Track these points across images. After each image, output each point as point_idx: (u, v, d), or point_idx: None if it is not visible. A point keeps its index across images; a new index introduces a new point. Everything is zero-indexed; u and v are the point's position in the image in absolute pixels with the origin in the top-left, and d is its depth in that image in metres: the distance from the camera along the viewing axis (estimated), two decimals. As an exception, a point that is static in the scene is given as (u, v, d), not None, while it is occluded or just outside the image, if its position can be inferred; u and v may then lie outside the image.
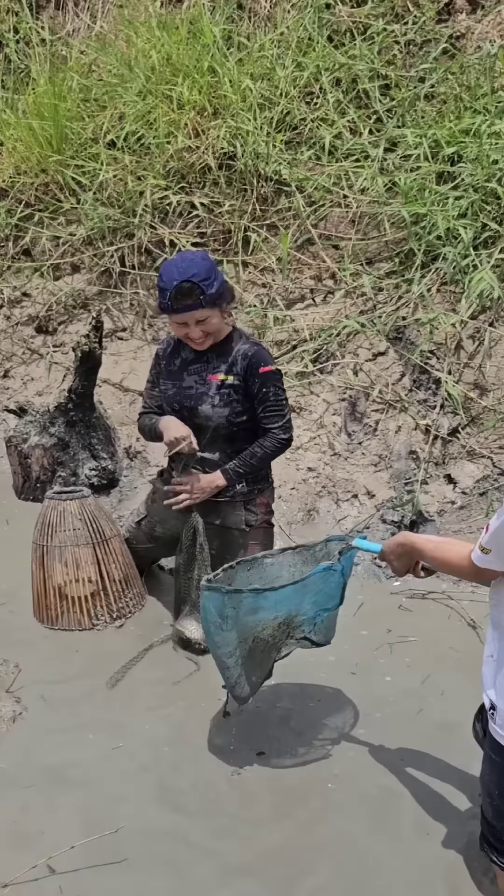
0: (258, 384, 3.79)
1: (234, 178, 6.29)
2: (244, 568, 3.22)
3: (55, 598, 4.11)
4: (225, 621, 2.97)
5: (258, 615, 2.97)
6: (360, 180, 5.97)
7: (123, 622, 4.16)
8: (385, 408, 5.35)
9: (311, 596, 3.04)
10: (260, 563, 3.27)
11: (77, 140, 6.81)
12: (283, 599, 2.97)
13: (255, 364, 3.79)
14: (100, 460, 5.46)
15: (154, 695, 3.60)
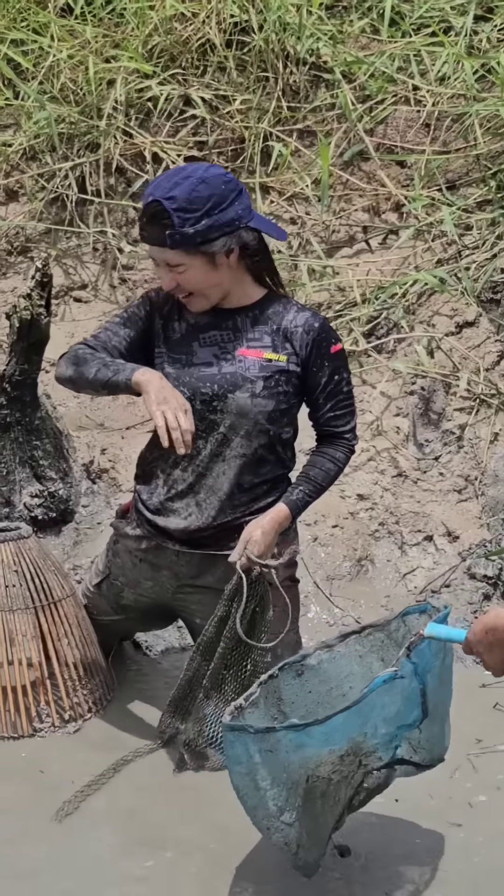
0: (329, 370, 3.83)
1: (250, 61, 6.30)
2: (291, 674, 3.23)
3: (-22, 689, 4.11)
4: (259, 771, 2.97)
5: (304, 752, 2.96)
6: (439, 64, 5.97)
7: (79, 726, 4.15)
8: (475, 406, 5.34)
9: (378, 713, 3.01)
10: (310, 664, 3.28)
11: (14, 4, 6.82)
12: (334, 731, 2.93)
13: (324, 341, 3.83)
14: (46, 482, 5.45)
15: (126, 834, 3.60)
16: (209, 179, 3.72)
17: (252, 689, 3.14)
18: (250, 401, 3.80)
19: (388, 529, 5.15)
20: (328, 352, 3.82)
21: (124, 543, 4.11)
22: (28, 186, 6.66)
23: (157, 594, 4.07)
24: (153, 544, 4.02)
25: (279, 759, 2.93)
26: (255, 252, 3.90)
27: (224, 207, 3.71)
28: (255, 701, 3.11)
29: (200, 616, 4.02)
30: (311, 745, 2.93)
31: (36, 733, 4.09)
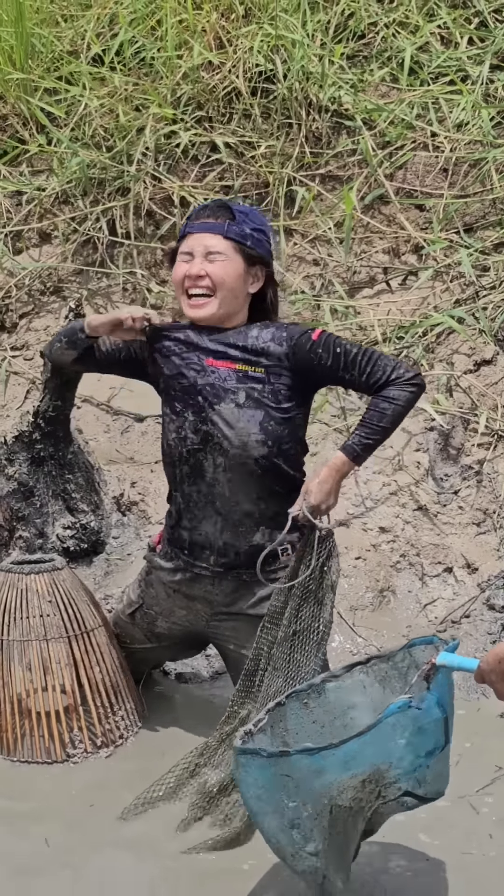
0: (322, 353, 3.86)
1: (274, 108, 6.32)
2: (298, 702, 3.21)
3: (13, 715, 4.09)
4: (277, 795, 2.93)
5: (324, 778, 2.92)
6: (456, 112, 5.98)
7: (111, 751, 4.14)
8: (493, 442, 5.33)
9: (399, 739, 2.97)
10: (321, 690, 3.25)
11: (48, 54, 6.86)
12: (354, 755, 2.89)
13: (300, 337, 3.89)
14: (78, 514, 5.46)
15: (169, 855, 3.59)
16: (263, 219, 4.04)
17: (261, 714, 3.13)
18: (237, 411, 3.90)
19: (409, 561, 5.14)
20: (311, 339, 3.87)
21: (157, 575, 4.13)
22: (61, 229, 6.68)
23: (190, 622, 4.08)
24: (188, 576, 4.03)
25: (299, 786, 2.90)
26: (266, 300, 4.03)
27: (269, 240, 3.93)
28: (264, 728, 3.09)
29: (234, 643, 4.04)
30: (330, 771, 2.89)
31: (69, 759, 4.08)
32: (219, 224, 3.85)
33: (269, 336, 3.89)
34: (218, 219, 3.87)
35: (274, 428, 3.88)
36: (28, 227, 6.77)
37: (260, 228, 3.92)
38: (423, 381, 3.87)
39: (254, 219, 3.94)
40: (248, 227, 3.87)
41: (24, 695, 4.09)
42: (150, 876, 3.52)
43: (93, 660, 4.15)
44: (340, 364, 3.84)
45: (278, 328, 3.93)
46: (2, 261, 6.73)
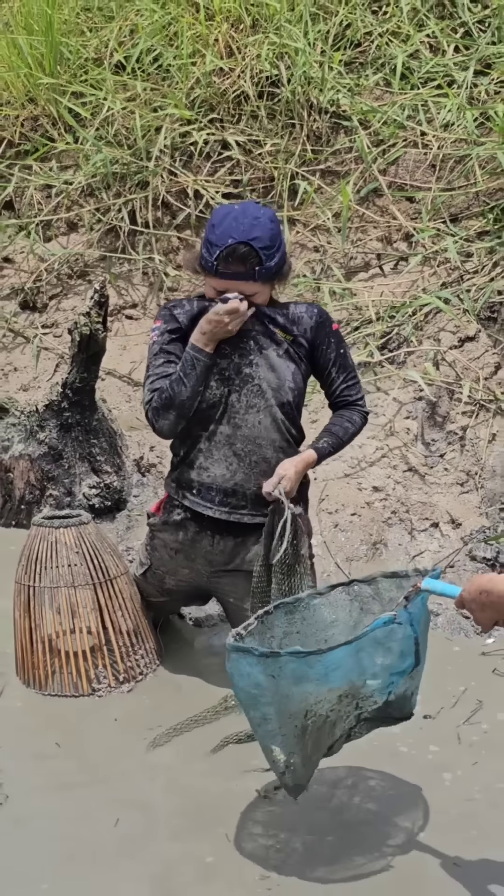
0: (334, 344, 3.91)
1: (279, 110, 6.28)
2: (283, 613, 3.19)
3: (44, 654, 4.09)
4: (262, 692, 2.92)
5: (304, 686, 2.91)
6: (443, 113, 5.95)
7: (133, 686, 4.13)
8: (475, 410, 5.31)
9: (376, 657, 2.95)
10: (306, 605, 3.23)
11: (75, 61, 6.83)
12: (335, 665, 2.87)
13: (326, 320, 3.93)
14: (102, 475, 5.46)
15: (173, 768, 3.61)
16: (272, 219, 3.80)
17: (250, 620, 3.10)
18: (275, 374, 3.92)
19: (400, 517, 5.13)
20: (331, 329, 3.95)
21: (160, 538, 4.11)
22: (86, 219, 6.67)
23: (194, 579, 4.07)
24: (188, 536, 4.01)
25: (281, 688, 2.88)
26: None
27: (282, 240, 3.83)
28: (253, 631, 3.06)
29: (234, 596, 4.03)
30: (311, 680, 2.87)
31: (94, 692, 4.07)
32: (249, 274, 3.72)
33: (304, 309, 3.93)
34: (247, 266, 3.72)
35: (299, 381, 3.92)
36: (57, 217, 6.76)
37: (277, 246, 3.76)
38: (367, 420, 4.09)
39: (273, 241, 3.74)
40: (271, 259, 3.73)
41: (53, 636, 4.09)
42: (176, 794, 3.55)
43: (116, 605, 4.14)
44: (338, 363, 3.94)
45: (311, 306, 3.98)
46: (33, 248, 6.73)
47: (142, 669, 4.19)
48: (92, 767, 3.67)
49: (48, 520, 4.22)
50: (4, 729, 3.87)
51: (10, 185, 6.84)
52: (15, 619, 4.18)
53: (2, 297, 6.82)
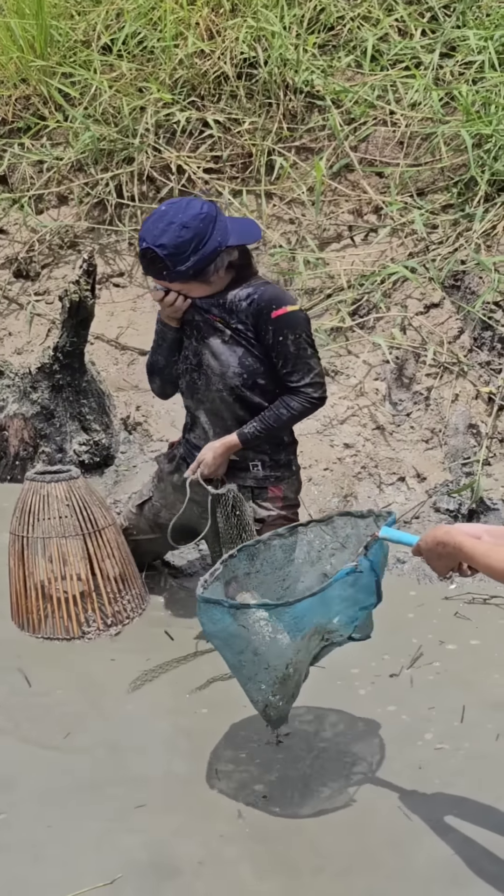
0: (272, 332, 3.79)
1: (256, 90, 6.23)
2: (246, 556, 3.18)
3: (37, 599, 4.09)
4: (234, 639, 2.90)
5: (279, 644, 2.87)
6: (411, 93, 5.91)
7: (120, 630, 4.14)
8: (439, 372, 5.30)
9: (341, 601, 2.94)
10: (267, 547, 3.21)
11: (65, 43, 6.77)
12: (303, 614, 2.86)
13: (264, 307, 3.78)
14: (91, 433, 5.44)
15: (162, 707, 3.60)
16: (188, 223, 3.67)
17: (216, 566, 3.08)
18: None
19: (369, 472, 5.12)
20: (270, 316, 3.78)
21: (165, 473, 4.19)
22: (76, 193, 6.61)
23: (187, 518, 4.05)
24: (182, 477, 4.02)
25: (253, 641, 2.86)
26: (240, 259, 3.87)
27: (206, 241, 3.69)
28: (219, 576, 3.05)
29: None
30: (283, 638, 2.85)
31: (84, 635, 4.09)
32: (161, 276, 3.75)
33: (245, 295, 3.81)
34: (157, 272, 3.74)
35: (250, 363, 3.84)
36: (48, 191, 6.71)
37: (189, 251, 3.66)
38: (321, 402, 3.89)
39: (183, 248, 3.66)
40: (180, 264, 3.67)
41: (46, 583, 4.09)
42: (158, 732, 3.55)
43: (104, 553, 4.14)
44: (276, 349, 3.80)
45: (256, 289, 3.82)
46: (26, 220, 6.68)
47: (128, 613, 4.20)
48: (82, 705, 3.68)
49: (40, 475, 4.21)
50: (5, 670, 3.87)
51: (4, 161, 6.78)
52: (10, 567, 4.18)
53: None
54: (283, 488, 3.99)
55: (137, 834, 3.03)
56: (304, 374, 3.81)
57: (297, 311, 3.80)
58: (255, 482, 3.94)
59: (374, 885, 2.79)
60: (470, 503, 4.78)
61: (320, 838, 2.97)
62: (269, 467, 3.95)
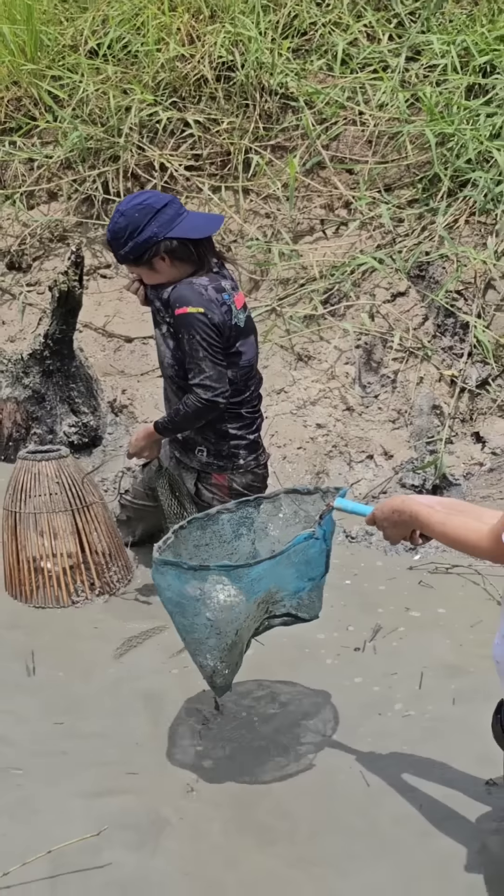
0: (173, 328, 3.83)
1: (234, 91, 6.22)
2: (196, 528, 3.15)
3: (29, 572, 4.12)
4: (188, 603, 2.87)
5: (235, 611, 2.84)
6: (378, 94, 5.91)
7: (107, 598, 4.17)
8: (405, 356, 5.32)
9: (293, 567, 2.95)
10: (215, 521, 3.18)
11: (54, 47, 6.74)
12: (259, 577, 2.84)
13: (172, 306, 3.80)
14: (80, 415, 5.46)
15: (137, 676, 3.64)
16: (126, 212, 3.76)
17: (168, 534, 3.05)
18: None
19: (340, 450, 5.15)
20: (174, 313, 3.79)
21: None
22: (65, 189, 6.60)
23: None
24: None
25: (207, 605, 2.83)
26: (185, 252, 3.82)
27: (140, 230, 3.74)
28: (171, 545, 3.02)
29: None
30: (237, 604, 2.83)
31: (74, 604, 4.13)
32: (117, 258, 3.90)
33: (169, 291, 3.81)
34: (114, 254, 3.91)
35: (180, 356, 3.85)
36: (38, 187, 6.68)
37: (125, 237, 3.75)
38: (211, 404, 3.77)
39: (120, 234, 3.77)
40: (120, 248, 3.79)
41: (37, 556, 4.12)
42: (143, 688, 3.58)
43: (91, 528, 4.17)
44: (180, 346, 3.81)
45: (174, 290, 3.80)
46: (18, 215, 6.66)
47: (115, 584, 4.23)
48: (69, 668, 3.71)
49: (32, 454, 4.24)
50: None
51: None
52: (3, 541, 4.20)
53: (-9, 258, 6.76)
54: (228, 478, 3.99)
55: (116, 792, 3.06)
56: (195, 373, 3.77)
57: (194, 313, 3.73)
58: (199, 465, 3.99)
59: (344, 845, 2.82)
60: (434, 479, 4.83)
61: (289, 801, 2.99)
62: (213, 455, 3.97)
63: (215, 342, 3.75)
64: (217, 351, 3.76)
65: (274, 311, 5.69)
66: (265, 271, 5.83)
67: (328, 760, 3.15)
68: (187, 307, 3.73)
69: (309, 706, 3.45)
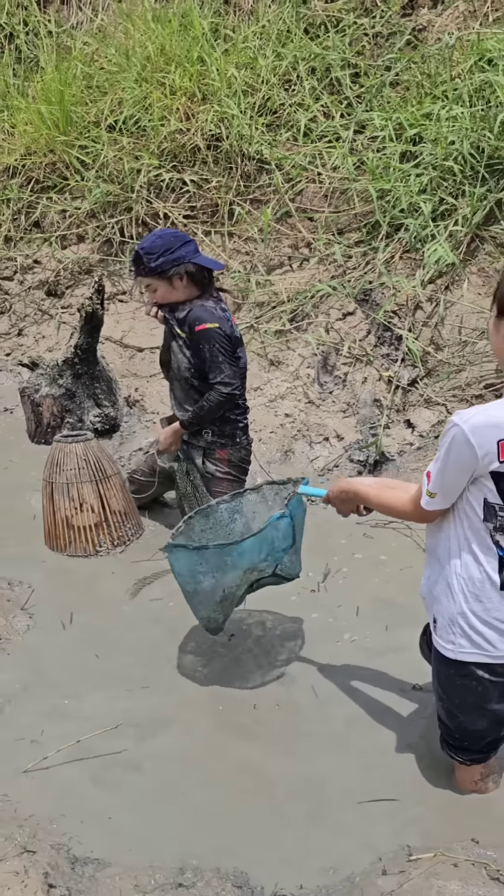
0: (195, 341, 3.79)
1: (221, 157, 6.19)
2: (201, 516, 3.20)
3: (63, 528, 4.11)
4: (192, 575, 2.90)
5: (227, 574, 2.87)
6: (333, 159, 5.89)
7: (123, 549, 4.16)
8: (353, 361, 5.32)
9: (269, 543, 2.96)
10: (214, 510, 3.23)
11: (81, 123, 6.69)
12: (246, 551, 2.86)
13: (193, 324, 3.78)
14: (103, 408, 5.44)
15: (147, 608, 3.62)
16: (163, 235, 3.77)
17: (179, 524, 3.11)
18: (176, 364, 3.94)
19: (303, 434, 5.15)
20: (194, 329, 3.77)
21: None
22: (90, 233, 6.56)
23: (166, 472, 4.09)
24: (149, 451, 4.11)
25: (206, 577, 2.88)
26: (199, 277, 3.84)
27: (172, 251, 3.73)
28: (182, 531, 3.08)
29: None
30: (231, 569, 2.85)
31: (97, 553, 4.11)
32: (139, 271, 3.79)
33: (185, 314, 3.81)
34: (136, 268, 3.81)
35: (196, 362, 3.84)
36: (69, 232, 6.65)
37: (159, 253, 3.72)
38: (231, 396, 3.81)
39: (155, 249, 3.72)
40: (151, 261, 3.72)
41: (69, 515, 4.10)
42: (150, 617, 3.58)
43: (110, 494, 4.16)
44: (199, 355, 3.79)
45: (191, 312, 3.80)
46: (54, 253, 6.62)
47: (129, 537, 4.22)
48: (98, 604, 3.71)
49: (64, 438, 4.22)
50: (41, 578, 3.90)
51: (38, 210, 6.70)
52: (43, 505, 4.19)
53: (34, 287, 6.70)
54: (228, 453, 3.99)
55: (130, 699, 3.07)
56: (216, 374, 3.78)
57: (211, 328, 3.75)
58: (205, 444, 3.97)
59: (308, 742, 2.83)
60: (375, 456, 4.82)
61: (266, 707, 2.99)
62: (217, 435, 3.96)
63: (228, 349, 3.79)
64: (230, 355, 3.80)
65: (252, 327, 5.67)
66: (245, 296, 5.81)
67: (296, 676, 3.16)
68: (206, 324, 3.75)
69: (282, 633, 3.45)
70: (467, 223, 5.20)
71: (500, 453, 2.16)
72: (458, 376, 5.01)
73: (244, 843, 2.42)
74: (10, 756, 2.74)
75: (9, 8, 7.70)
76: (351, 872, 2.31)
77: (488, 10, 5.92)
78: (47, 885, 2.21)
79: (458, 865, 2.25)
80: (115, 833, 2.46)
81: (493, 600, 2.28)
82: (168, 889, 2.26)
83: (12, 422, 5.83)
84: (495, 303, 2.24)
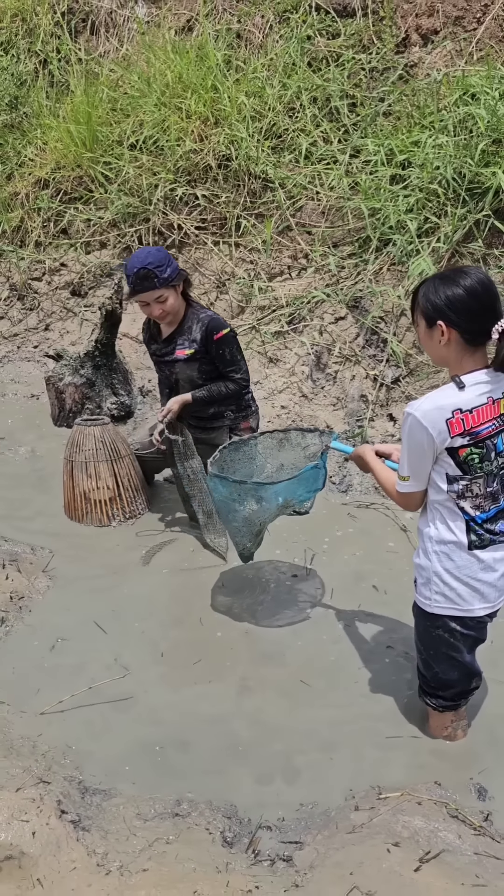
0: (214, 347, 3.80)
1: (230, 175, 6.17)
2: (232, 449, 3.21)
3: (81, 501, 4.13)
4: (231, 503, 2.92)
5: (261, 505, 2.90)
6: (330, 180, 5.87)
7: (134, 521, 4.18)
8: (343, 361, 5.32)
9: (303, 485, 3.00)
10: (245, 443, 3.25)
11: (105, 142, 6.67)
12: (279, 492, 2.90)
13: (211, 333, 3.80)
14: (119, 396, 5.45)
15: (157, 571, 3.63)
16: (152, 251, 3.74)
17: (216, 453, 3.13)
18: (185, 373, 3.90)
19: (297, 424, 5.15)
20: (213, 338, 3.79)
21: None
22: (111, 240, 6.55)
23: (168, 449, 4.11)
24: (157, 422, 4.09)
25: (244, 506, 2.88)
26: (188, 286, 3.90)
27: (171, 263, 3.73)
28: (216, 461, 3.09)
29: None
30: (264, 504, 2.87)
31: (111, 524, 4.13)
32: (152, 284, 3.69)
33: (198, 323, 3.82)
34: (149, 283, 3.69)
35: (205, 369, 3.87)
36: (93, 239, 6.63)
37: (166, 264, 3.71)
38: (240, 389, 3.89)
39: (162, 261, 3.70)
40: (163, 273, 3.70)
41: (87, 491, 4.12)
42: (160, 580, 3.59)
43: (124, 471, 4.17)
44: (219, 357, 3.83)
45: (201, 321, 3.82)
46: (79, 258, 6.61)
47: (140, 511, 4.23)
48: (111, 569, 3.72)
49: (84, 421, 4.23)
50: (60, 544, 3.92)
51: (65, 218, 6.70)
52: (63, 480, 4.20)
53: (60, 287, 6.70)
54: (251, 421, 4.05)
55: (141, 647, 3.09)
56: (235, 370, 3.87)
57: (228, 333, 3.82)
58: (230, 422, 3.99)
59: (289, 699, 2.85)
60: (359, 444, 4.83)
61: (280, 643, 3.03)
62: (236, 410, 4.01)
63: (240, 347, 3.90)
64: (242, 352, 3.92)
65: (254, 328, 5.67)
66: (249, 300, 5.80)
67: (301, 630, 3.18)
68: (223, 330, 3.80)
69: (281, 594, 3.47)
70: (448, 240, 5.20)
71: (450, 430, 2.22)
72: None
73: (234, 782, 2.45)
74: (29, 700, 2.76)
75: (44, 37, 7.67)
76: (327, 808, 2.34)
77: (473, 49, 5.90)
78: (60, 811, 2.24)
79: (422, 804, 2.28)
80: (121, 769, 2.49)
81: (463, 558, 2.34)
82: (166, 817, 2.28)
83: (38, 406, 5.84)
84: (421, 316, 2.30)
